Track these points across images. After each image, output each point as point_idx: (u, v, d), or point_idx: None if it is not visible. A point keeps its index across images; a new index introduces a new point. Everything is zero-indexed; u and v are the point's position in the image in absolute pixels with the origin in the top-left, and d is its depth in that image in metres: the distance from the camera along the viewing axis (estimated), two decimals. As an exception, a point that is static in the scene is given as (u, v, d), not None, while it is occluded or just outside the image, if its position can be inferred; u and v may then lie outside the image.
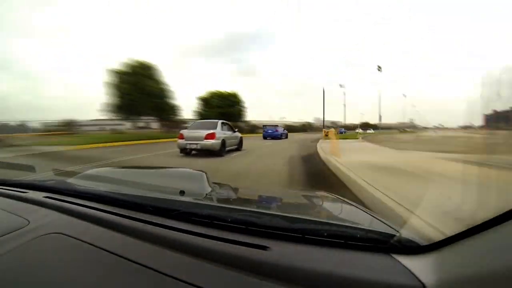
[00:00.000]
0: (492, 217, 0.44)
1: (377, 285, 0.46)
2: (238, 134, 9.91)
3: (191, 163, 6.67)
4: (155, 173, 1.43)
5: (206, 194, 1.02)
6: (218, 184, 1.22)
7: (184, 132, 8.48)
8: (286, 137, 20.42)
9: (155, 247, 0.57)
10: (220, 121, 8.80)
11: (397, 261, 0.52)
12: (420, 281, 0.45)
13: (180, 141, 8.19)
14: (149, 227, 0.64)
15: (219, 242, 0.57)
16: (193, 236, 0.59)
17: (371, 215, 0.82)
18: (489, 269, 0.39)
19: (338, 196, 1.11)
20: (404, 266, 0.50)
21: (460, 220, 1.61)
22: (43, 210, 0.78)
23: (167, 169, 1.92)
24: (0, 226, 0.65)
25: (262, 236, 0.59)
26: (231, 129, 9.53)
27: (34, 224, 0.68)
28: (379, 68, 29.61)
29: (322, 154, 7.46)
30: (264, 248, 0.54)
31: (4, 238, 0.61)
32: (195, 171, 1.24)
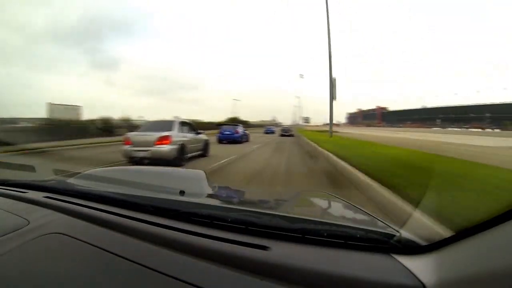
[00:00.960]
0: (492, 217, 0.44)
1: (377, 285, 0.46)
2: (203, 137, 8.13)
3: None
4: (155, 173, 1.43)
5: (206, 194, 1.02)
6: (218, 184, 1.22)
7: (131, 135, 6.46)
8: (247, 140, 16.13)
9: (155, 247, 0.57)
10: (178, 121, 7.04)
11: (397, 261, 0.52)
12: (420, 281, 0.45)
13: (126, 147, 6.20)
14: (149, 227, 0.64)
15: (219, 242, 0.57)
16: (193, 236, 0.59)
17: (371, 215, 0.82)
18: (489, 269, 0.39)
19: (338, 196, 1.12)
20: (404, 266, 0.50)
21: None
22: (43, 210, 0.78)
23: (166, 169, 1.92)
24: (0, 226, 0.65)
25: (262, 236, 0.59)
26: (193, 130, 7.70)
27: (34, 224, 0.68)
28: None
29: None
30: (264, 248, 0.54)
31: (4, 238, 0.61)
32: (194, 171, 1.24)
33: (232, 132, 14.82)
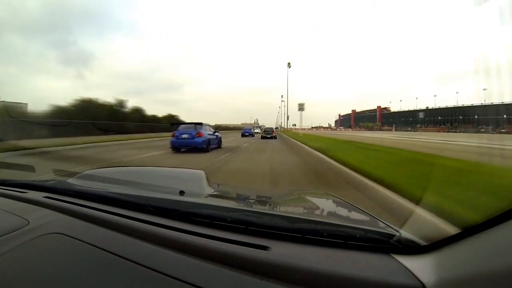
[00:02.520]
0: (492, 217, 0.44)
1: (377, 285, 0.46)
2: None
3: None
4: (155, 173, 1.43)
5: (206, 194, 1.03)
6: (218, 184, 1.22)
7: None
8: (219, 146, 10.94)
9: (155, 247, 0.57)
10: None
11: (397, 261, 0.52)
12: (420, 281, 0.45)
13: None
14: (149, 227, 0.64)
15: (219, 242, 0.57)
16: (193, 236, 0.59)
17: (371, 215, 0.82)
18: (489, 269, 0.39)
19: (338, 197, 1.12)
20: (404, 266, 0.50)
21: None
22: (43, 210, 0.78)
23: (166, 169, 1.93)
24: (0, 226, 0.65)
25: (262, 236, 0.59)
26: None
27: (34, 224, 0.68)
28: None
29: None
30: (264, 248, 0.54)
31: (4, 238, 0.61)
32: (194, 171, 1.24)
33: (192, 135, 9.33)
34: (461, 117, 76.23)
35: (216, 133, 11.17)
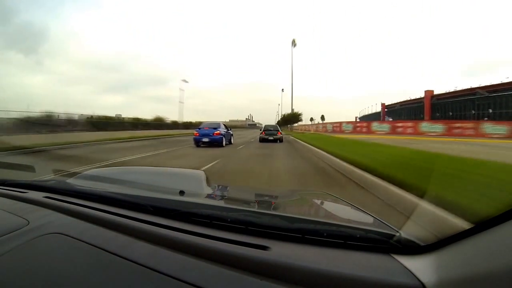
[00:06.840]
0: (492, 217, 0.44)
1: (377, 285, 0.46)
2: None
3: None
4: (155, 173, 1.43)
5: (206, 194, 1.03)
6: (218, 184, 1.22)
7: None
8: (230, 142, 12.00)
9: (155, 247, 0.57)
10: None
11: (397, 261, 0.52)
12: (420, 281, 0.45)
13: None
14: (149, 227, 0.64)
15: (219, 242, 0.57)
16: (193, 236, 0.59)
17: (371, 215, 0.82)
18: (489, 269, 0.39)
19: (338, 196, 1.12)
20: (404, 266, 0.50)
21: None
22: (43, 210, 0.78)
23: (166, 169, 1.93)
24: (0, 226, 0.65)
25: (262, 236, 0.59)
26: None
27: (34, 224, 0.68)
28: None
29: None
30: (264, 248, 0.54)
31: (4, 238, 0.61)
32: (194, 171, 1.24)
33: (211, 133, 10.94)
34: None
35: (229, 130, 13.02)
